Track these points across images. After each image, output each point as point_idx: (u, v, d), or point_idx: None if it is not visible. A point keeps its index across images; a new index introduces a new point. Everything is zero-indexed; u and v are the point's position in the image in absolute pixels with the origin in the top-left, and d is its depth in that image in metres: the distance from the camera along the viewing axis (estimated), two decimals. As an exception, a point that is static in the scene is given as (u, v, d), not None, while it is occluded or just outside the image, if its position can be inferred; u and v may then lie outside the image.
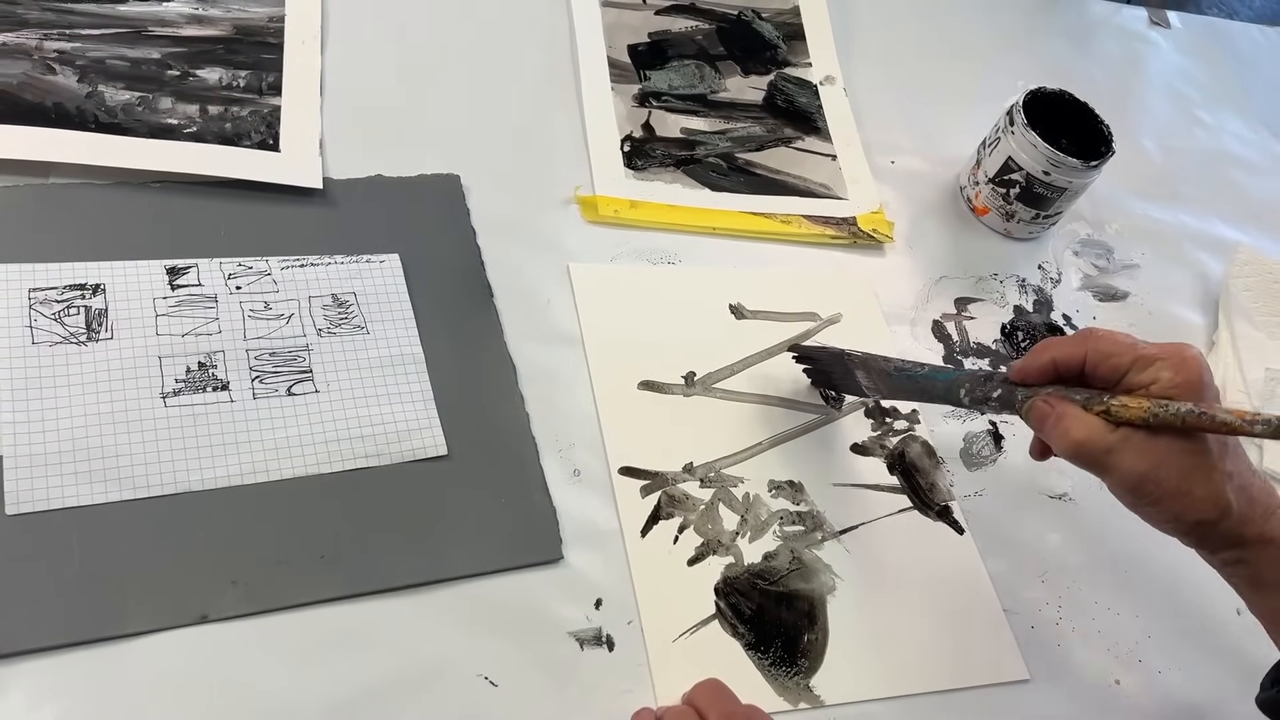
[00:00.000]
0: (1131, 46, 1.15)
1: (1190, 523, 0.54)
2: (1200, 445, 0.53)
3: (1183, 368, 0.53)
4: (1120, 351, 0.55)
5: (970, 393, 0.61)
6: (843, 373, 0.71)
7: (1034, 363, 0.57)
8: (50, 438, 0.57)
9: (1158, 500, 0.53)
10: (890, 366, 0.67)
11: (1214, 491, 0.53)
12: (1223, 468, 0.53)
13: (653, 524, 0.65)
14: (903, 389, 0.67)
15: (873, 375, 0.69)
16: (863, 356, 0.69)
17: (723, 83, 0.92)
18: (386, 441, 0.63)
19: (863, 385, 0.70)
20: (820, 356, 0.72)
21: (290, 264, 0.68)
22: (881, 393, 0.70)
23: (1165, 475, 0.53)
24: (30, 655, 0.51)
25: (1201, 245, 0.97)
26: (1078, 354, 0.56)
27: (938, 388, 0.64)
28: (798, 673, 0.62)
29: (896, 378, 0.67)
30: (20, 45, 0.71)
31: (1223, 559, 0.56)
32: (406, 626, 0.57)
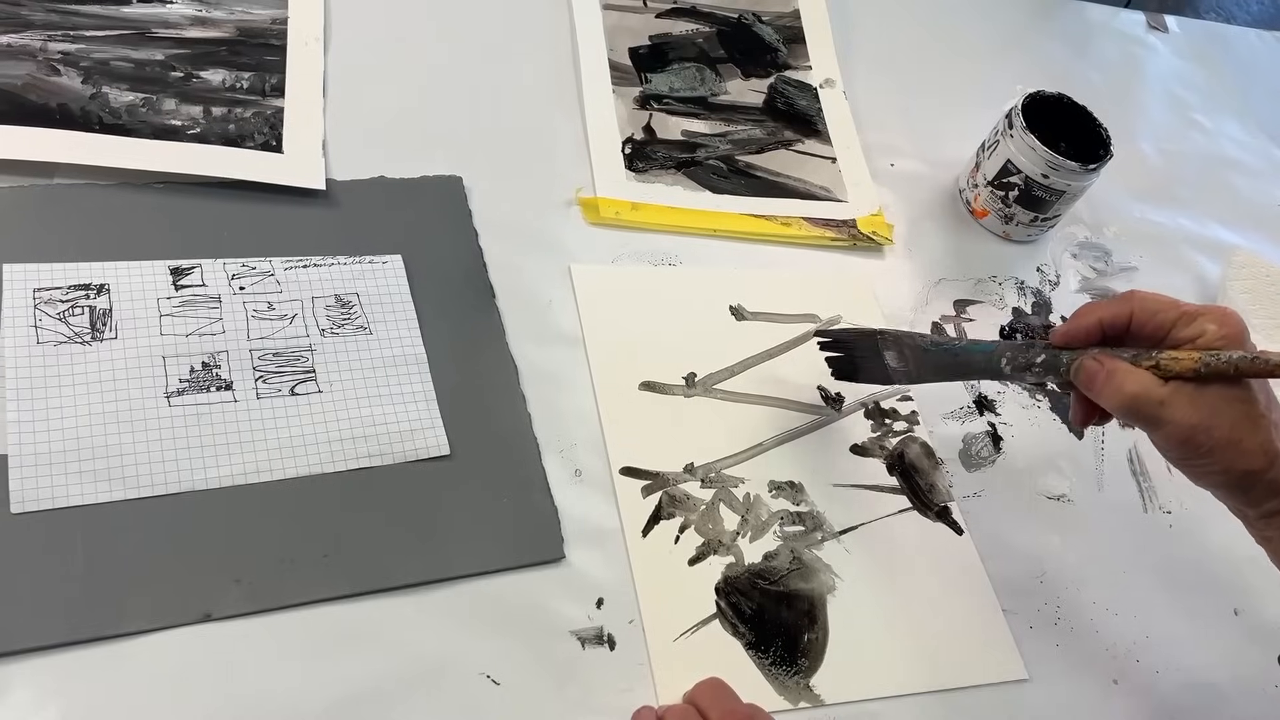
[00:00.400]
0: (1130, 50, 1.16)
1: (1240, 473, 0.54)
2: (1248, 395, 0.54)
3: (1227, 321, 0.55)
4: (1165, 308, 0.56)
5: (1012, 361, 0.61)
6: (869, 356, 0.69)
7: (1080, 324, 0.59)
8: (55, 437, 0.57)
9: (1210, 451, 0.54)
10: (926, 342, 0.67)
11: (1263, 440, 0.54)
12: (1271, 417, 0.55)
13: (654, 524, 0.65)
14: (938, 366, 0.66)
15: (905, 354, 0.67)
16: (896, 334, 0.68)
17: (723, 85, 0.92)
18: (389, 441, 0.63)
19: (890, 368, 0.68)
20: (848, 337, 0.71)
21: (293, 265, 0.68)
22: (910, 374, 0.68)
23: (1217, 425, 0.54)
24: (34, 653, 0.52)
25: (1199, 248, 0.98)
26: (1123, 313, 0.57)
27: (976, 359, 0.64)
28: (798, 672, 0.62)
29: (934, 352, 0.66)
30: (25, 47, 0.71)
31: (1265, 510, 0.56)
32: (409, 625, 0.58)
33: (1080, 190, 0.87)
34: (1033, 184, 0.86)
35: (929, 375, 0.68)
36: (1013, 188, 0.87)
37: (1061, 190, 0.86)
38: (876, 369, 0.70)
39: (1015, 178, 0.87)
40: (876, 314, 0.81)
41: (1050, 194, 0.86)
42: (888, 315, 0.82)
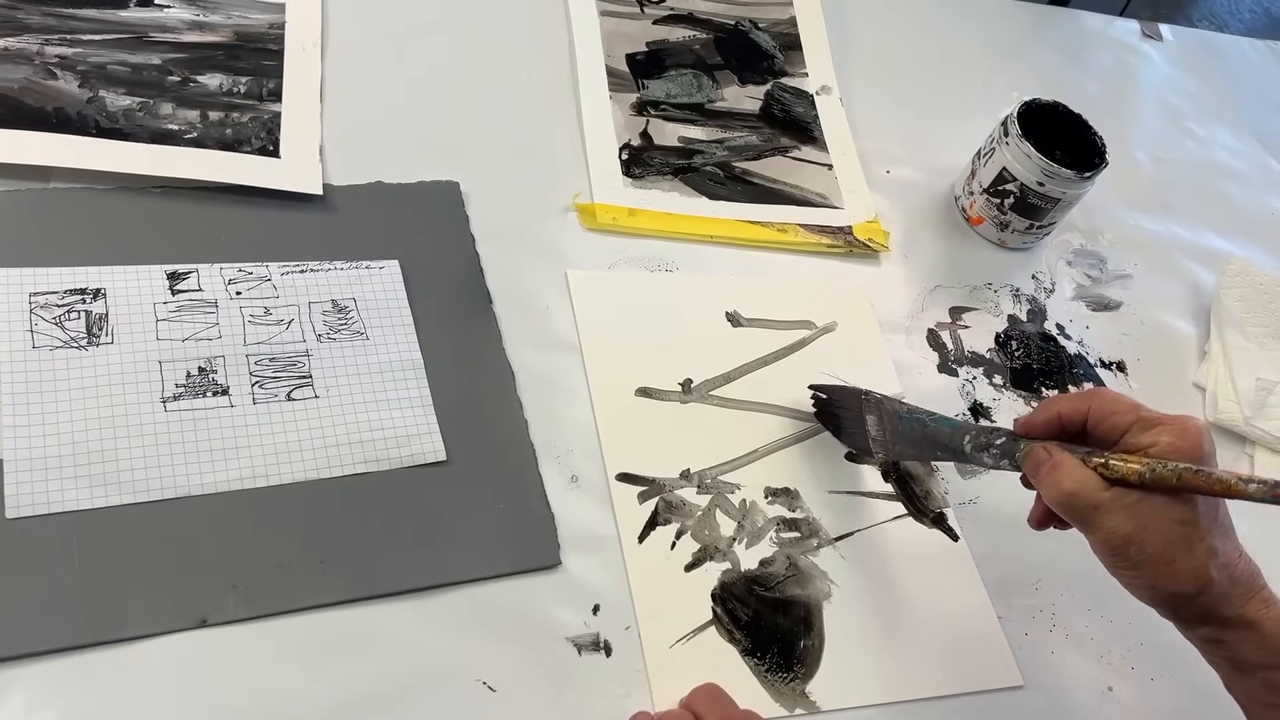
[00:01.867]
0: (1124, 59, 1.17)
1: (1166, 593, 0.54)
2: (1190, 515, 0.53)
3: (1184, 434, 0.53)
4: (1123, 410, 0.55)
5: (974, 440, 0.62)
6: (854, 419, 0.70)
7: (1040, 416, 0.58)
8: (51, 442, 0.57)
9: (1138, 564, 0.53)
10: (902, 410, 0.68)
11: (1195, 565, 0.53)
12: (1208, 542, 0.53)
13: (650, 530, 0.66)
14: (909, 437, 0.67)
15: (883, 420, 0.69)
16: (879, 398, 0.69)
17: (720, 92, 0.92)
18: (386, 447, 0.63)
19: (870, 436, 0.69)
20: (837, 395, 0.72)
21: (290, 270, 0.68)
22: (886, 446, 0.69)
23: (1149, 540, 0.52)
24: (30, 659, 0.52)
25: (1193, 256, 0.98)
26: (1081, 409, 0.57)
27: (943, 434, 0.65)
28: (794, 678, 0.62)
29: (906, 420, 0.67)
30: (22, 50, 0.71)
31: (1200, 635, 0.55)
32: (405, 631, 0.58)
33: (1075, 198, 0.88)
34: (1028, 191, 0.86)
35: (901, 447, 0.69)
36: (1008, 195, 0.88)
37: (1057, 198, 0.86)
38: (858, 435, 0.70)
39: (1011, 185, 0.87)
40: (872, 321, 0.82)
41: (1045, 201, 0.87)
42: (883, 322, 0.82)
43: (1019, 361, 0.84)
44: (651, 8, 0.95)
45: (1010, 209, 0.88)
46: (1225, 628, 0.54)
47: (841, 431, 0.72)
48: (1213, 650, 0.55)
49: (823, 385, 0.73)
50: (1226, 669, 0.55)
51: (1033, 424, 0.59)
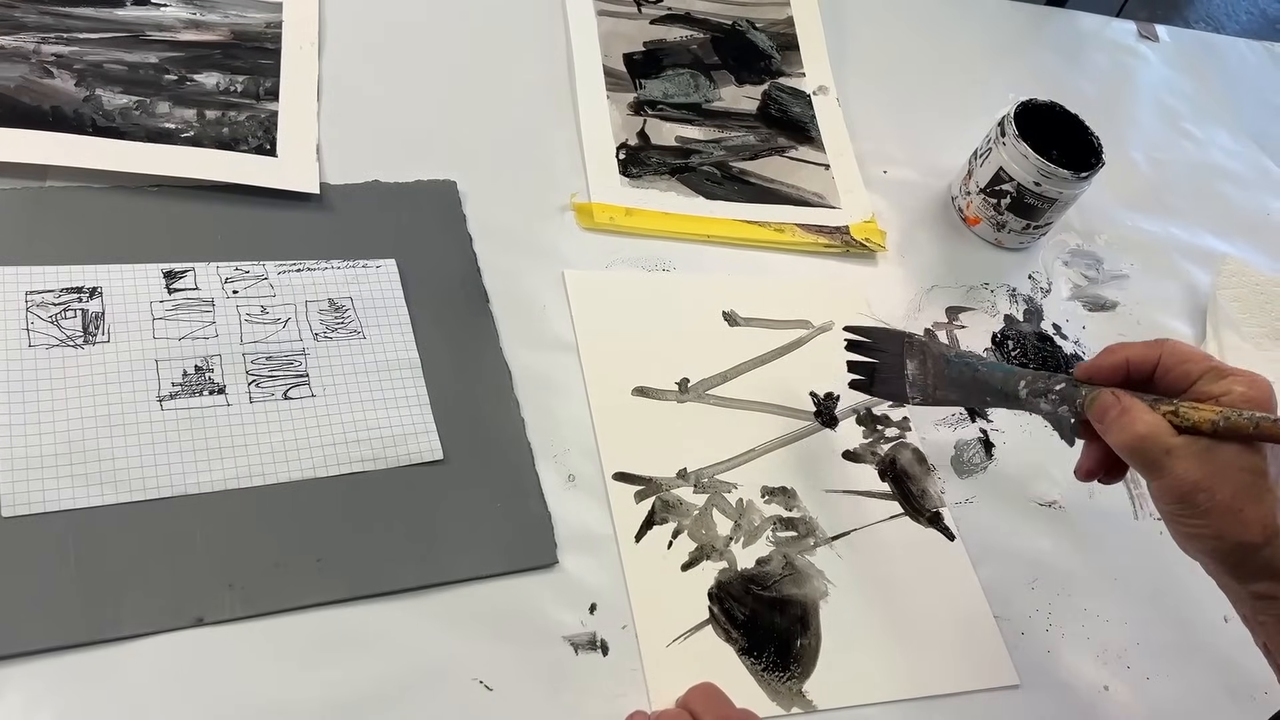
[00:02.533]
0: (1121, 60, 1.17)
1: (1234, 543, 0.52)
2: (1260, 464, 0.52)
3: (1256, 385, 0.53)
4: (1195, 359, 0.55)
5: (1030, 385, 0.60)
6: (892, 363, 0.67)
7: (1106, 361, 0.57)
8: (46, 440, 0.57)
9: (1206, 512, 0.52)
10: (950, 353, 0.65)
11: (1264, 514, 0.52)
12: (1276, 493, 0.52)
13: (647, 529, 0.66)
14: (956, 381, 0.65)
15: (927, 365, 0.66)
16: (924, 341, 0.67)
17: (717, 92, 0.92)
18: (383, 446, 0.63)
19: (909, 381, 0.66)
20: (877, 337, 0.69)
21: (287, 269, 0.68)
22: (926, 391, 0.66)
23: (1220, 487, 0.52)
24: (26, 658, 0.51)
25: (1189, 256, 0.98)
26: (1151, 357, 0.56)
27: (995, 378, 0.63)
28: (790, 677, 0.62)
29: (955, 364, 0.65)
30: (18, 49, 0.71)
31: (1256, 591, 0.53)
32: (402, 630, 0.58)
33: (1072, 198, 0.88)
34: (1025, 192, 0.86)
35: (944, 392, 0.66)
36: (1005, 195, 0.88)
37: (1053, 198, 0.87)
38: (894, 381, 0.68)
39: (1007, 185, 0.87)
40: (869, 320, 0.82)
41: (1042, 202, 0.87)
42: (880, 322, 0.82)
43: (1015, 361, 0.84)
44: (649, 7, 0.95)
45: (1007, 209, 0.88)
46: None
47: (874, 378, 0.68)
48: (1267, 608, 0.53)
49: (861, 326, 0.70)
50: (1274, 623, 0.53)
51: (1097, 369, 0.57)
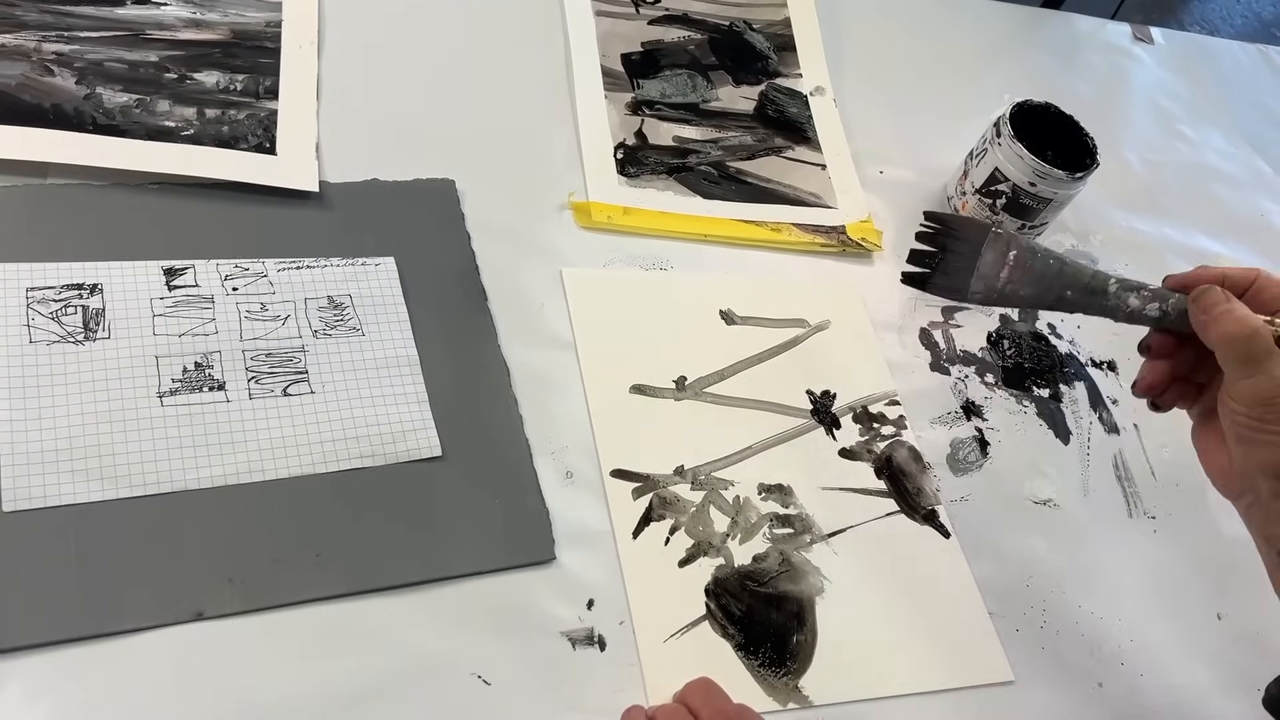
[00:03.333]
0: (1116, 61, 1.17)
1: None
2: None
3: None
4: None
5: (1121, 282, 0.60)
6: (967, 252, 0.64)
7: (1201, 274, 0.58)
8: (47, 436, 0.57)
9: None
10: (1039, 246, 0.63)
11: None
12: None
13: (644, 526, 0.66)
14: (1038, 275, 0.62)
15: (1008, 256, 0.63)
16: (1011, 234, 0.64)
17: (714, 92, 0.93)
18: (381, 442, 0.63)
19: (977, 273, 0.64)
20: (958, 225, 0.66)
21: (287, 266, 0.68)
22: (995, 285, 0.63)
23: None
24: (26, 651, 0.52)
25: (1183, 257, 0.99)
26: (1248, 277, 0.58)
27: (1084, 274, 0.62)
28: (787, 673, 0.63)
29: (1043, 256, 0.62)
30: (19, 47, 0.71)
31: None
32: (400, 625, 0.58)
33: (1067, 199, 0.88)
34: (1020, 192, 0.87)
35: (1018, 286, 0.63)
36: (1000, 195, 0.88)
37: (1048, 198, 0.87)
38: (959, 273, 0.64)
39: (1003, 186, 0.88)
40: (865, 320, 0.82)
41: (1037, 202, 0.87)
42: (876, 321, 0.82)
43: (1010, 360, 0.85)
44: (646, 8, 0.96)
45: (1002, 209, 0.89)
46: None
47: (936, 267, 0.65)
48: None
49: (941, 214, 0.67)
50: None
51: (1195, 278, 0.58)
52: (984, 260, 0.63)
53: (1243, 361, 0.54)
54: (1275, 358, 0.53)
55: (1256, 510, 0.55)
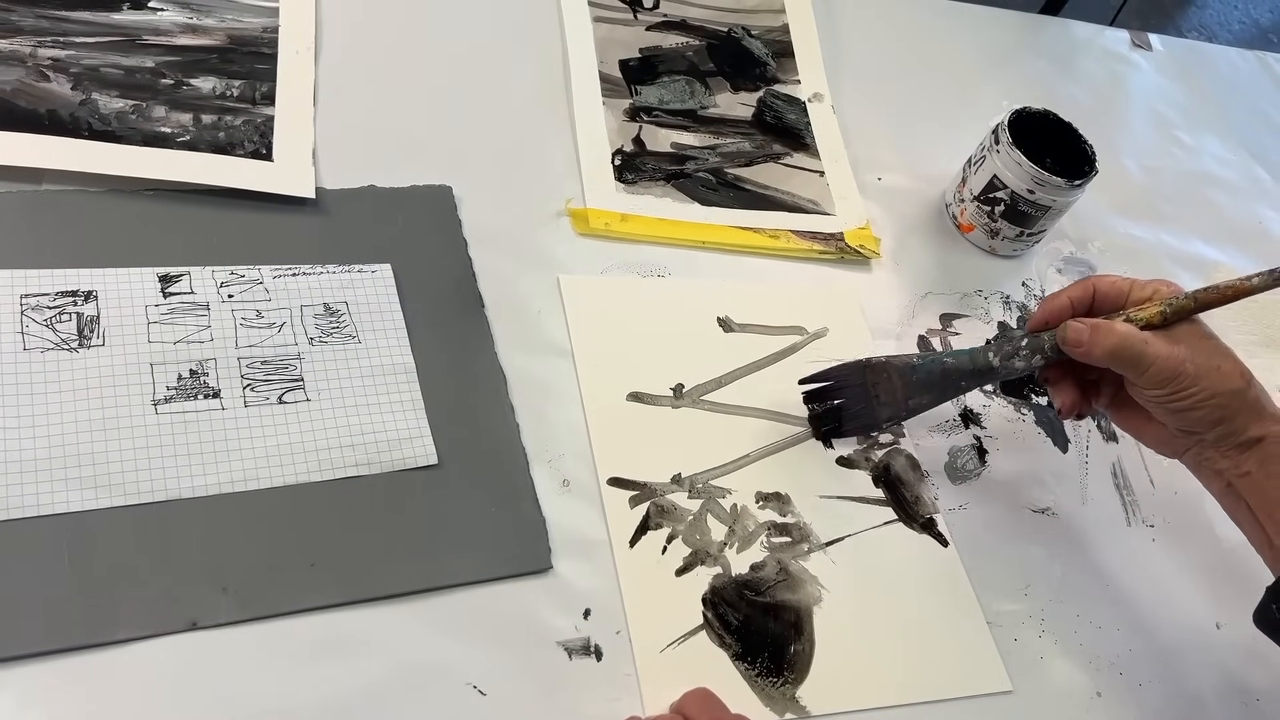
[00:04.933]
0: (1114, 68, 1.17)
1: (1226, 393, 0.61)
2: (1210, 332, 0.63)
3: (1169, 283, 0.65)
4: (1120, 281, 0.66)
5: (999, 351, 0.67)
6: (856, 396, 0.71)
7: (1051, 306, 0.67)
8: (41, 444, 0.57)
9: (1195, 379, 0.61)
10: (913, 359, 0.70)
11: (1235, 364, 0.62)
12: (1232, 350, 0.62)
13: (641, 534, 0.66)
14: (927, 382, 0.69)
15: (893, 380, 0.70)
16: (884, 360, 0.71)
17: (713, 98, 0.93)
18: (377, 450, 0.63)
19: (878, 406, 0.70)
20: (835, 375, 0.72)
21: (282, 273, 0.68)
22: (899, 407, 0.70)
23: (1196, 354, 0.61)
24: (20, 661, 0.51)
25: (1181, 264, 0.99)
26: (1087, 290, 0.66)
27: (964, 363, 0.68)
28: (784, 683, 0.62)
29: (921, 367, 0.69)
30: (14, 52, 0.71)
31: (1247, 439, 0.62)
32: (396, 635, 0.58)
33: (1065, 206, 0.88)
34: (1018, 199, 0.87)
35: (919, 398, 0.70)
36: (999, 203, 0.88)
37: (1047, 205, 0.87)
38: (864, 413, 0.71)
39: (1001, 193, 0.87)
40: (863, 327, 0.82)
41: (1036, 209, 0.87)
42: (874, 328, 0.82)
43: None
44: (644, 14, 0.96)
45: (1001, 216, 0.89)
46: (1270, 421, 0.62)
47: (843, 419, 0.72)
48: (1253, 453, 0.62)
49: (813, 374, 0.73)
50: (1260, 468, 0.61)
51: (1050, 313, 0.67)
52: (876, 390, 0.71)
53: (1129, 365, 0.62)
54: (1150, 345, 0.61)
55: (1204, 455, 0.64)
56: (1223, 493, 0.64)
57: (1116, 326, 0.63)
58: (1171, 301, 0.62)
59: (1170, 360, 0.61)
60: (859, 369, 0.71)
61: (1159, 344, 0.61)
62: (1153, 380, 0.62)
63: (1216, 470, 0.64)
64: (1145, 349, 0.61)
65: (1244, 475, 0.62)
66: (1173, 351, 0.61)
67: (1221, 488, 0.64)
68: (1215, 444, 0.63)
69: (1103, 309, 0.66)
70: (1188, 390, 0.61)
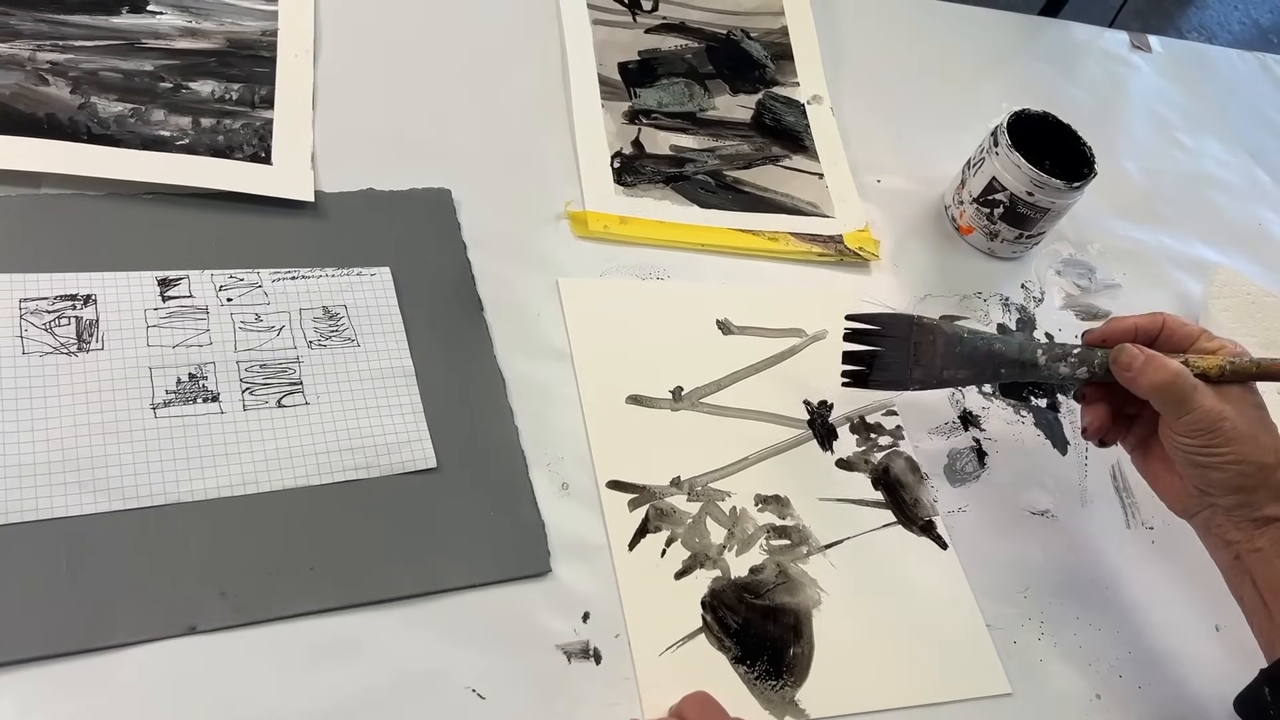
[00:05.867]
0: (1113, 70, 1.17)
1: (1254, 465, 0.60)
2: (1261, 402, 0.63)
3: (1242, 345, 0.64)
4: (1191, 326, 0.66)
5: (1048, 352, 0.67)
6: (897, 347, 0.69)
7: (1115, 327, 0.66)
8: (40, 447, 0.57)
9: (1230, 440, 0.60)
10: (963, 330, 0.69)
11: (1274, 440, 0.62)
12: (1276, 426, 0.62)
13: (640, 537, 0.66)
14: (968, 357, 0.69)
15: (936, 345, 0.69)
16: (934, 322, 0.70)
17: (711, 101, 0.93)
18: (376, 454, 0.63)
19: (912, 367, 0.69)
20: (883, 322, 0.71)
21: (281, 276, 0.68)
22: (933, 372, 0.69)
23: (1239, 418, 0.61)
24: (18, 665, 0.51)
25: (1181, 266, 0.99)
26: (1156, 323, 0.66)
27: (1011, 349, 0.68)
28: (783, 686, 0.62)
29: (969, 340, 0.69)
30: (13, 56, 0.71)
31: (1264, 515, 0.61)
32: (395, 638, 0.58)
33: (1064, 208, 0.88)
34: (1018, 201, 0.87)
35: (954, 371, 0.69)
36: (998, 205, 0.88)
37: (1046, 207, 0.87)
38: (896, 367, 0.70)
39: (1000, 195, 0.87)
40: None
41: (1035, 211, 0.87)
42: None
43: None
44: (644, 17, 0.96)
45: (1000, 218, 0.89)
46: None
47: (873, 366, 0.71)
48: (1267, 531, 0.61)
49: (864, 313, 0.72)
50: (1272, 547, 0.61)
51: (1111, 333, 0.66)
52: (917, 350, 0.70)
53: (1174, 403, 0.62)
54: (1199, 391, 0.61)
55: (1216, 521, 0.63)
56: (1229, 565, 0.64)
57: (1171, 364, 0.62)
58: (1234, 360, 0.62)
59: (1212, 413, 0.60)
60: (907, 323, 0.70)
61: (1207, 394, 0.61)
62: (1188, 427, 0.61)
63: (1227, 540, 0.63)
64: (1192, 394, 0.61)
65: (1255, 551, 0.61)
66: (1218, 406, 0.61)
67: (1229, 560, 0.63)
68: (1228, 511, 0.62)
69: (1166, 347, 0.65)
70: (1219, 449, 0.61)
